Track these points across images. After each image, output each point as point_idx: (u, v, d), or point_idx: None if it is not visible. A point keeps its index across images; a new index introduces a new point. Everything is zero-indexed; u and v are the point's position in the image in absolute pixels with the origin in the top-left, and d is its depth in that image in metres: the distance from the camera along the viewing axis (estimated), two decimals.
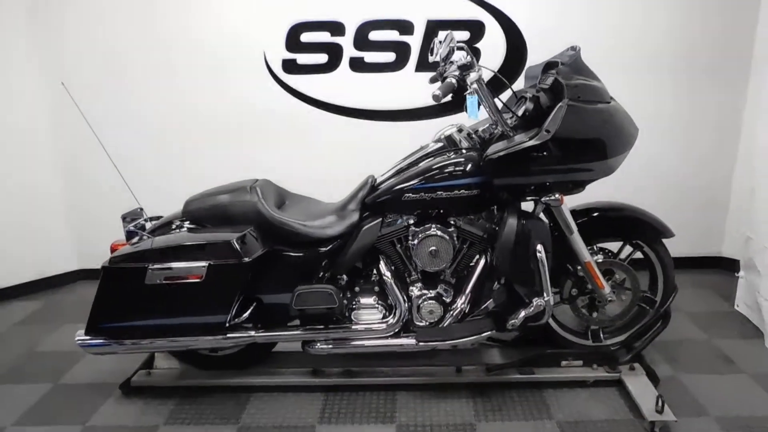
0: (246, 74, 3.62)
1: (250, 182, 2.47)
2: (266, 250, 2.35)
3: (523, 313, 2.31)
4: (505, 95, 2.51)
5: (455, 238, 2.37)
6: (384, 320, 2.45)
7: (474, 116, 2.13)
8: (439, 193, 2.28)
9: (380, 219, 2.41)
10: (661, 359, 2.73)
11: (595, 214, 2.51)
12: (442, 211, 2.36)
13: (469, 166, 2.28)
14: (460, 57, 2.16)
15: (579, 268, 2.48)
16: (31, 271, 3.87)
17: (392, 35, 3.55)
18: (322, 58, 3.60)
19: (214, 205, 2.39)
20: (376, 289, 2.48)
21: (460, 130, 2.44)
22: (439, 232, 2.34)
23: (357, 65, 3.60)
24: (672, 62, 3.54)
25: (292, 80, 3.64)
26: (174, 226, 2.41)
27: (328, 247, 2.41)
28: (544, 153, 2.14)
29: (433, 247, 2.34)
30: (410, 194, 2.31)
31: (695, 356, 2.78)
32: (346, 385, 2.59)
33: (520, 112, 2.29)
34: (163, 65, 3.60)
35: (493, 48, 3.52)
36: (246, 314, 2.38)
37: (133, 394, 2.62)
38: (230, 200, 2.38)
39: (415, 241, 2.35)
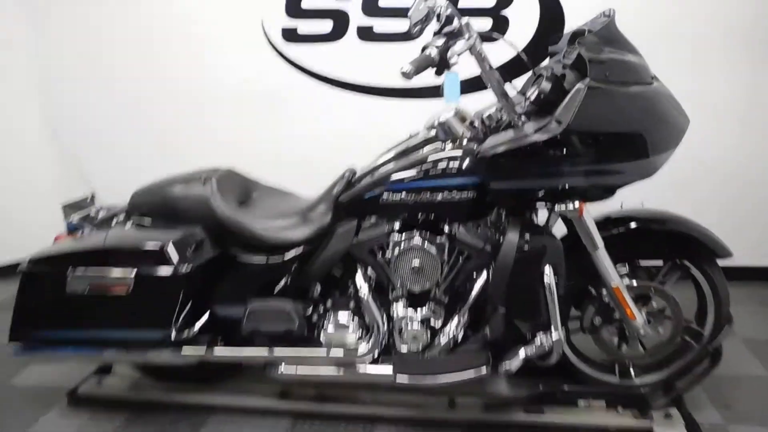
0: (242, 44, 3.22)
1: (208, 172, 2.09)
2: (217, 255, 1.97)
3: (522, 353, 1.84)
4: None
5: (446, 251, 1.92)
6: (358, 343, 2.03)
7: (454, 100, 1.65)
8: (424, 194, 1.82)
9: (355, 222, 1.97)
10: (707, 402, 2.21)
11: (633, 225, 1.99)
12: (432, 215, 1.90)
13: (466, 161, 1.81)
14: (451, 21, 1.67)
15: (604, 292, 1.97)
16: (13, 254, 3.64)
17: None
18: (326, 26, 3.16)
19: (162, 199, 2.03)
20: (352, 305, 2.06)
21: (460, 117, 1.95)
22: (424, 244, 1.88)
23: (365, 34, 3.15)
24: (747, 38, 2.90)
25: (293, 51, 3.22)
26: (114, 222, 2.06)
27: (293, 254, 2.00)
28: (558, 149, 1.64)
29: (416, 262, 1.90)
30: (389, 195, 1.86)
31: (752, 399, 2.24)
32: (318, 412, 2.19)
33: (533, 95, 1.79)
34: (149, 33, 3.24)
35: (523, 17, 2.99)
36: (197, 327, 2.02)
37: (81, 405, 2.31)
38: (179, 194, 2.01)
39: (395, 253, 1.91)
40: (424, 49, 1.67)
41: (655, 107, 1.68)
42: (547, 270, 1.76)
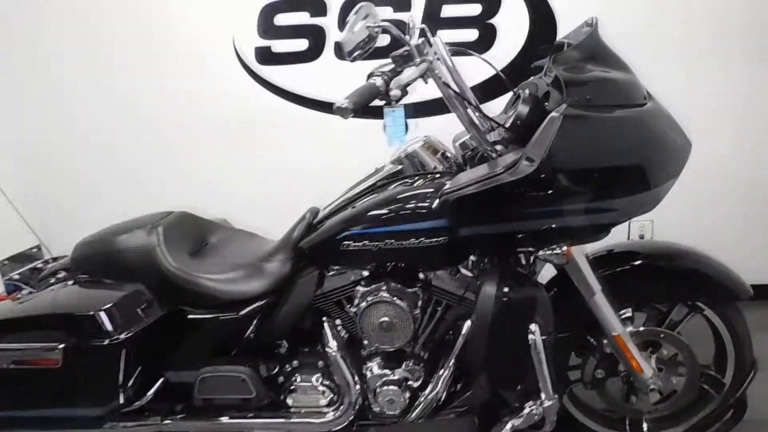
0: (214, 67, 3.01)
1: (157, 218, 1.88)
2: (165, 313, 1.76)
3: (509, 426, 1.58)
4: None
5: (421, 302, 1.67)
6: (329, 409, 1.79)
7: (398, 141, 1.41)
8: (388, 241, 1.58)
9: (317, 271, 1.74)
10: None
11: (638, 262, 1.73)
12: (402, 263, 1.66)
13: (435, 202, 1.56)
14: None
15: (605, 342, 1.71)
16: None
17: (385, 12, 2.83)
18: (302, 44, 2.94)
19: (105, 252, 1.81)
20: (321, 363, 1.82)
21: (431, 147, 1.71)
22: (394, 298, 1.64)
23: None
24: (742, 35, 2.69)
25: (268, 72, 3.00)
26: (54, 280, 1.85)
27: (250, 309, 1.77)
28: (534, 189, 1.39)
29: (385, 319, 1.65)
30: (349, 242, 1.62)
31: None
32: None
33: (509, 120, 1.54)
34: (113, 57, 3.03)
35: (512, 26, 2.76)
36: (150, 394, 1.80)
37: None
38: (121, 246, 1.79)
39: (361, 308, 1.67)
40: (369, 76, 1.43)
41: (650, 132, 1.42)
42: (532, 327, 1.50)
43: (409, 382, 1.74)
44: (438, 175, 1.65)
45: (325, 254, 1.70)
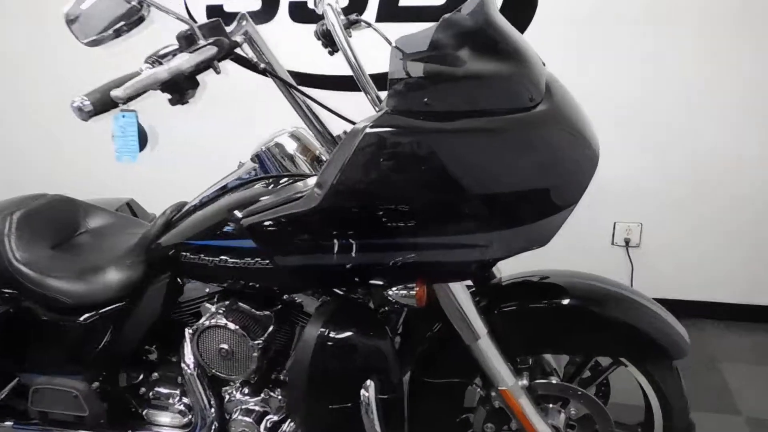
0: (163, 25, 2.76)
1: (22, 202, 1.68)
2: (9, 310, 1.57)
3: None
4: None
5: (271, 329, 1.40)
6: (184, 431, 1.59)
7: (129, 157, 1.11)
8: (223, 258, 1.31)
9: (167, 279, 1.50)
10: None
11: (560, 301, 1.37)
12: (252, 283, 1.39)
13: None
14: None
15: (494, 395, 1.40)
16: None
17: None
18: (254, 2, 2.65)
19: None
20: (180, 379, 1.60)
21: (301, 145, 1.41)
22: (235, 325, 1.37)
23: (299, 13, 2.63)
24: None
25: None
26: None
27: (95, 316, 1.55)
28: (337, 218, 1.08)
29: (224, 346, 1.40)
30: (186, 253, 1.37)
31: None
32: None
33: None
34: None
35: None
36: (4, 393, 1.65)
37: None
38: None
39: (199, 328, 1.42)
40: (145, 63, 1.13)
41: (523, 149, 1.06)
42: (367, 383, 1.21)
43: (268, 415, 1.49)
44: (289, 180, 1.35)
45: (173, 262, 1.45)
